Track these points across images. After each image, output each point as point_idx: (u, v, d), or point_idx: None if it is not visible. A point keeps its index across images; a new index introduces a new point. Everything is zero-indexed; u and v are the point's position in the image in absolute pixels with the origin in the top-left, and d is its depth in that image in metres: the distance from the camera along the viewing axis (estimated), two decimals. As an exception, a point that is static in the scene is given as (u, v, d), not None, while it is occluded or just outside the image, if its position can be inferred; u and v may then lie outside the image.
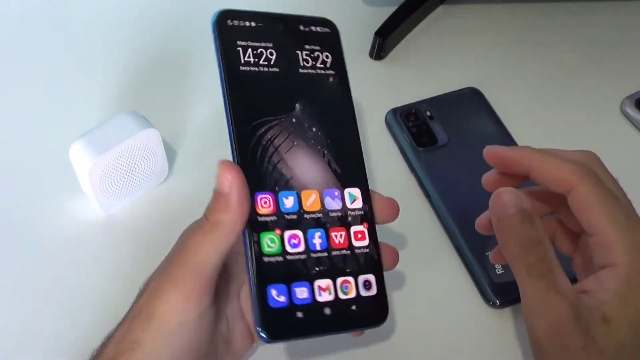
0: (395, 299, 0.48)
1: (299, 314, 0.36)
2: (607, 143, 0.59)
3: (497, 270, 0.49)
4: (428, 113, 0.58)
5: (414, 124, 0.57)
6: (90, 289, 0.48)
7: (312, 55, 0.39)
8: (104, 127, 0.49)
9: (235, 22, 0.37)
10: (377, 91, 0.63)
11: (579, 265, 0.40)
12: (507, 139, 0.57)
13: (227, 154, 0.57)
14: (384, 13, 0.66)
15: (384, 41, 0.64)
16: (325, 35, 0.40)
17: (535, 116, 0.61)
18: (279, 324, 0.36)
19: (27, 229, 0.52)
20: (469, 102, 0.60)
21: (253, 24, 0.38)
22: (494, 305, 0.48)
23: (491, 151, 0.39)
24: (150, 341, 0.34)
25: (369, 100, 0.61)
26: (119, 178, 0.50)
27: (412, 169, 0.55)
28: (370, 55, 0.65)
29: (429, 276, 0.50)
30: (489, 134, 0.58)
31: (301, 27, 0.40)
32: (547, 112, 0.61)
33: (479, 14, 0.70)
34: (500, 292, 0.48)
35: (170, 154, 0.56)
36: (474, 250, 0.50)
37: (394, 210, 0.39)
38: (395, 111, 0.58)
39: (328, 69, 0.40)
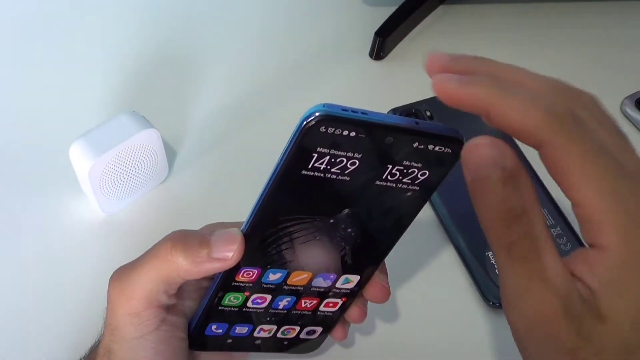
0: (396, 298, 0.48)
1: (229, 341, 0.38)
2: (607, 143, 0.60)
3: (497, 270, 0.49)
4: (428, 113, 0.58)
5: (414, 124, 0.57)
6: (90, 289, 0.48)
7: (405, 171, 0.30)
8: (104, 127, 0.49)
9: (330, 130, 0.27)
10: (377, 91, 0.63)
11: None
12: (506, 139, 0.57)
13: (227, 154, 0.57)
14: (384, 13, 0.66)
15: (384, 41, 0.64)
16: (441, 155, 0.31)
17: (535, 116, 0.61)
18: (207, 343, 0.37)
19: (27, 229, 0.52)
20: (469, 102, 0.60)
21: (353, 133, 0.28)
22: (494, 305, 0.48)
23: (438, 83, 0.28)
24: (119, 351, 0.34)
25: (369, 100, 0.62)
26: (119, 178, 0.50)
27: (412, 169, 0.55)
28: (370, 55, 0.65)
29: (429, 276, 0.50)
30: (489, 133, 0.58)
31: (415, 144, 0.30)
32: (547, 112, 0.61)
33: (478, 14, 0.70)
34: (500, 292, 0.48)
35: (170, 154, 0.56)
36: (474, 250, 0.50)
37: (383, 296, 0.38)
38: (395, 111, 0.58)
39: (413, 184, 0.31)
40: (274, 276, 0.34)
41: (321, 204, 0.31)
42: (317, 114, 0.27)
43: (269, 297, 0.35)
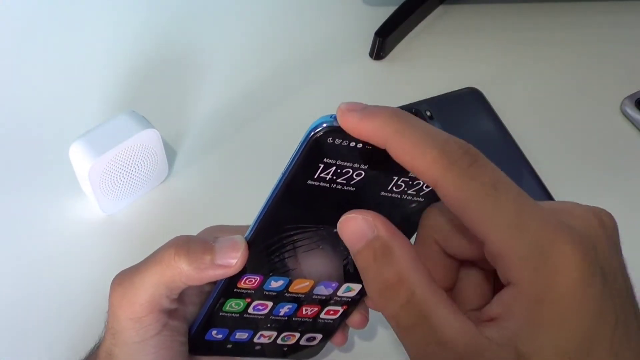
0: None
1: (229, 346, 0.37)
2: (607, 143, 0.60)
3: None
4: (428, 113, 0.58)
5: (414, 124, 0.57)
6: (90, 289, 0.48)
7: (410, 182, 0.30)
8: (104, 127, 0.49)
9: (337, 141, 0.27)
10: (377, 91, 0.63)
11: None
12: (507, 139, 0.57)
13: (227, 154, 0.57)
14: (384, 13, 0.66)
15: (384, 41, 0.64)
16: None
17: (535, 116, 0.61)
18: (207, 347, 0.37)
19: (27, 229, 0.52)
20: (469, 102, 0.60)
21: (360, 145, 0.28)
22: (494, 305, 0.48)
23: (345, 115, 0.26)
24: (120, 354, 0.34)
25: (369, 100, 0.61)
26: (119, 178, 0.50)
27: (412, 169, 0.55)
28: (370, 55, 0.65)
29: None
30: (489, 133, 0.58)
31: None
32: (546, 112, 0.61)
33: (478, 14, 0.70)
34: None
35: (170, 154, 0.56)
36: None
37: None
38: (395, 111, 0.58)
39: (419, 195, 0.30)
40: (276, 284, 0.34)
41: (326, 214, 0.31)
42: (324, 125, 0.27)
43: (270, 304, 0.35)
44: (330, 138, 0.27)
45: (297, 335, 0.38)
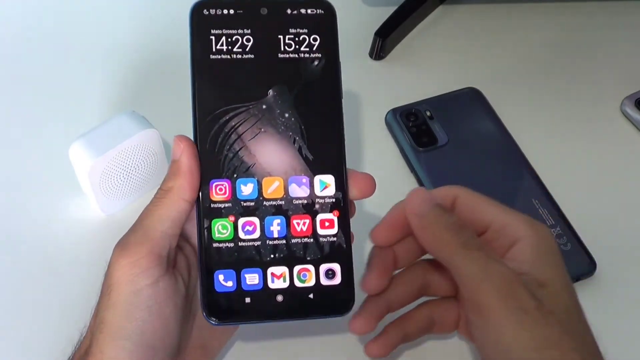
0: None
1: (247, 300, 0.36)
2: (607, 143, 0.60)
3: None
4: (428, 113, 0.58)
5: (414, 124, 0.57)
6: (90, 289, 0.48)
7: (296, 39, 0.36)
8: (104, 127, 0.49)
9: (212, 11, 0.36)
10: (377, 91, 0.63)
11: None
12: (507, 139, 0.57)
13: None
14: (384, 13, 0.66)
15: (384, 41, 0.64)
16: (317, 17, 0.37)
17: (534, 116, 0.61)
18: (225, 309, 0.35)
19: (27, 229, 0.52)
20: (469, 102, 0.60)
21: (232, 11, 0.36)
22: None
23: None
24: (112, 317, 0.35)
25: (369, 100, 0.61)
26: (119, 178, 0.50)
27: (412, 169, 0.55)
28: (370, 55, 0.65)
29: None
30: (489, 133, 0.58)
31: (288, 10, 0.37)
32: (546, 112, 0.61)
33: (478, 14, 0.70)
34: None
35: (170, 154, 0.56)
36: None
37: (369, 184, 0.38)
38: (395, 111, 0.58)
39: (314, 52, 0.37)
40: (246, 188, 0.36)
41: (245, 89, 0.36)
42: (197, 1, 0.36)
43: (256, 220, 0.36)
44: (206, 10, 0.36)
45: (311, 268, 0.36)
